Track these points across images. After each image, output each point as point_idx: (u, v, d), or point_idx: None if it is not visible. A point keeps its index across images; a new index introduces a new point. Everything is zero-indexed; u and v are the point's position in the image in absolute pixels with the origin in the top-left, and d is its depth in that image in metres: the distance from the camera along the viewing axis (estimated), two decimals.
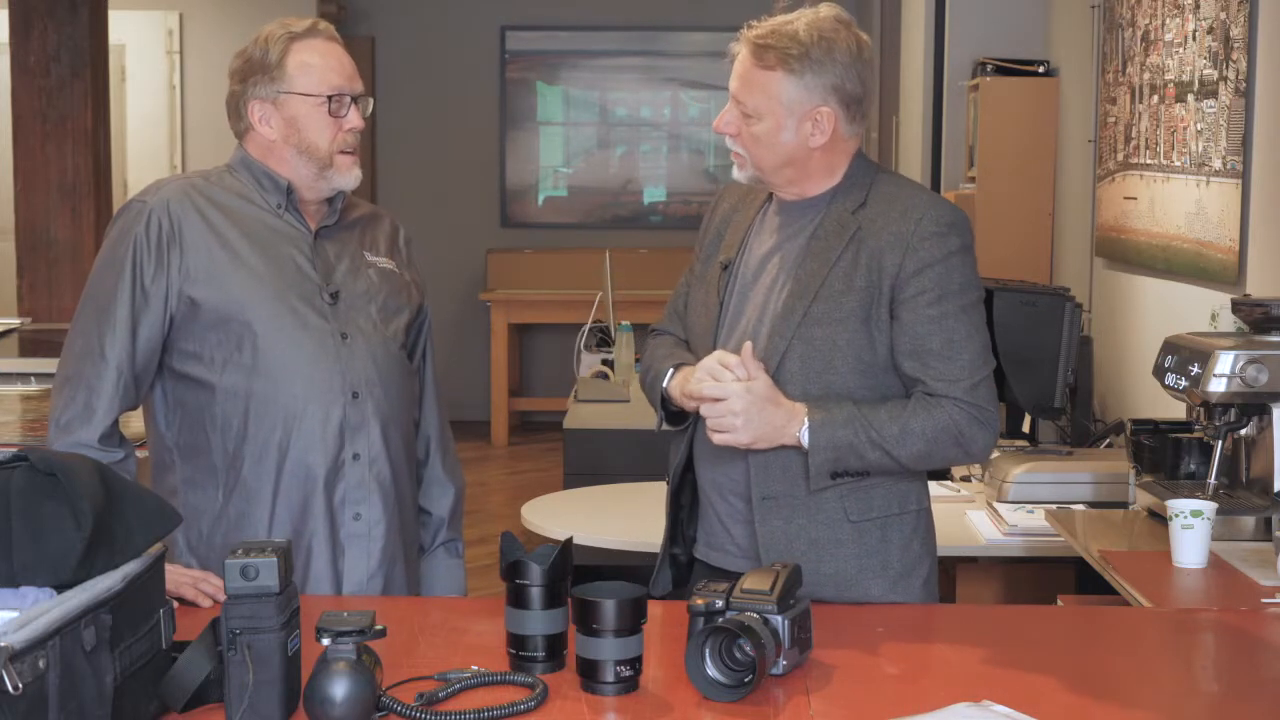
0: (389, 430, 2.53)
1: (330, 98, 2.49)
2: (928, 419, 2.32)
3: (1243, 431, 2.90)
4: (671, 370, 2.46)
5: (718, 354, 2.36)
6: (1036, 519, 3.40)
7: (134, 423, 2.66)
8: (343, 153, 2.51)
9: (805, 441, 2.32)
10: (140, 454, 2.54)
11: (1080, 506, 3.46)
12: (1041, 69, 5.48)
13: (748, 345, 2.34)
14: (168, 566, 2.29)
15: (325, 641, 1.76)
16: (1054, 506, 3.40)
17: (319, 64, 2.50)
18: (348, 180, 2.53)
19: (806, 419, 2.31)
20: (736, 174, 2.47)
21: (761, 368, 2.33)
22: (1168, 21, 4.10)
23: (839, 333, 2.35)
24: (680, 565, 2.56)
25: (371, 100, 2.59)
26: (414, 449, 2.65)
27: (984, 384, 2.36)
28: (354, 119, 2.52)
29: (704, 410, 2.34)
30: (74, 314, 2.51)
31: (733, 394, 2.30)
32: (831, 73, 2.35)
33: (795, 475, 2.37)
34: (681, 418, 2.49)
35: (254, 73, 2.50)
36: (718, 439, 2.34)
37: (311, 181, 2.52)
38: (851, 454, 2.32)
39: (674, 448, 2.54)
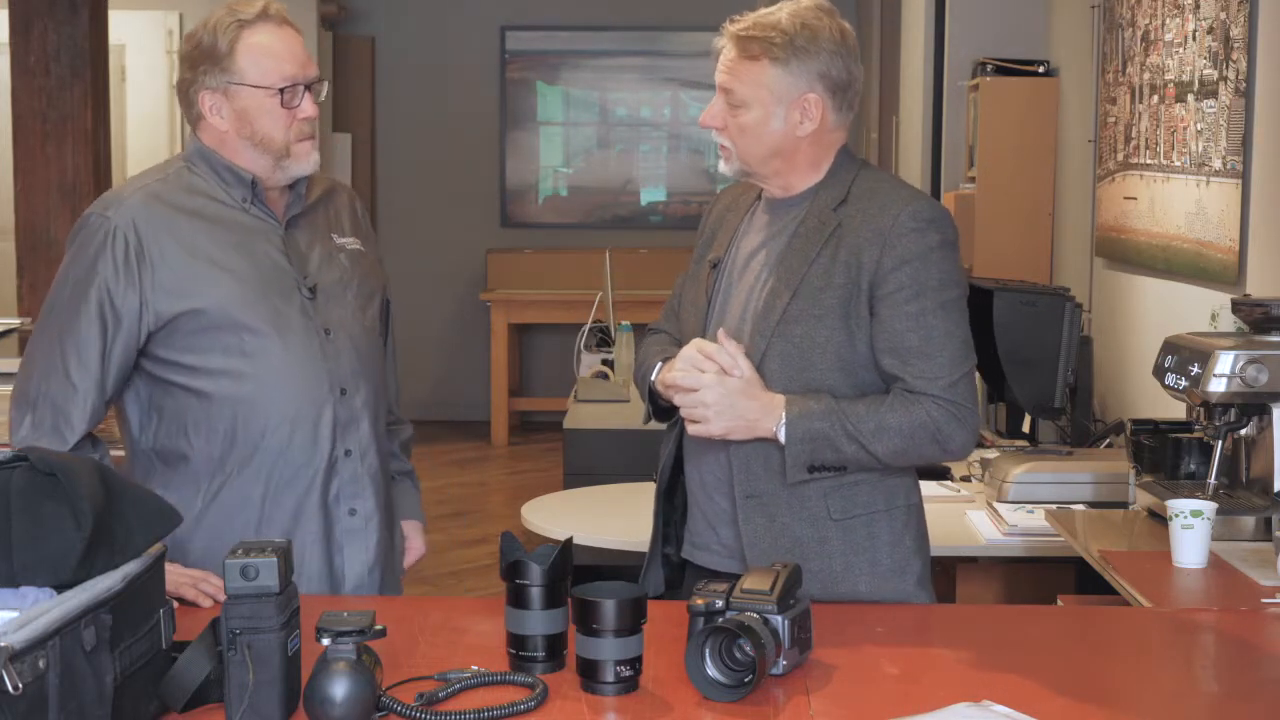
0: (377, 422, 2.53)
1: (282, 90, 2.42)
2: (905, 415, 2.31)
3: (1243, 431, 2.90)
4: (660, 364, 2.47)
5: (697, 342, 2.38)
6: (1036, 519, 3.40)
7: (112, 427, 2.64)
8: (299, 140, 2.45)
9: (782, 434, 2.32)
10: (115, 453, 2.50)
11: (1080, 506, 3.46)
12: (1041, 69, 5.48)
13: (721, 333, 2.35)
14: (167, 566, 2.30)
15: (325, 641, 1.76)
16: (1054, 506, 3.40)
17: (270, 53, 2.41)
18: (306, 167, 2.47)
19: (784, 411, 2.32)
20: (723, 167, 2.48)
21: (742, 355, 2.34)
22: (1168, 21, 4.10)
23: (818, 329, 2.35)
24: (673, 565, 2.56)
25: (326, 84, 2.51)
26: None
27: (963, 381, 2.35)
28: (308, 108, 2.45)
29: (677, 400, 2.36)
30: (34, 332, 2.44)
31: (705, 384, 2.32)
32: (817, 59, 2.37)
33: (778, 473, 2.37)
34: (670, 412, 2.50)
35: (203, 61, 2.42)
36: (691, 429, 2.36)
37: (269, 172, 2.46)
38: (828, 447, 2.31)
39: (663, 447, 2.55)
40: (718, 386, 2.31)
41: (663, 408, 2.50)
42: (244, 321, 2.39)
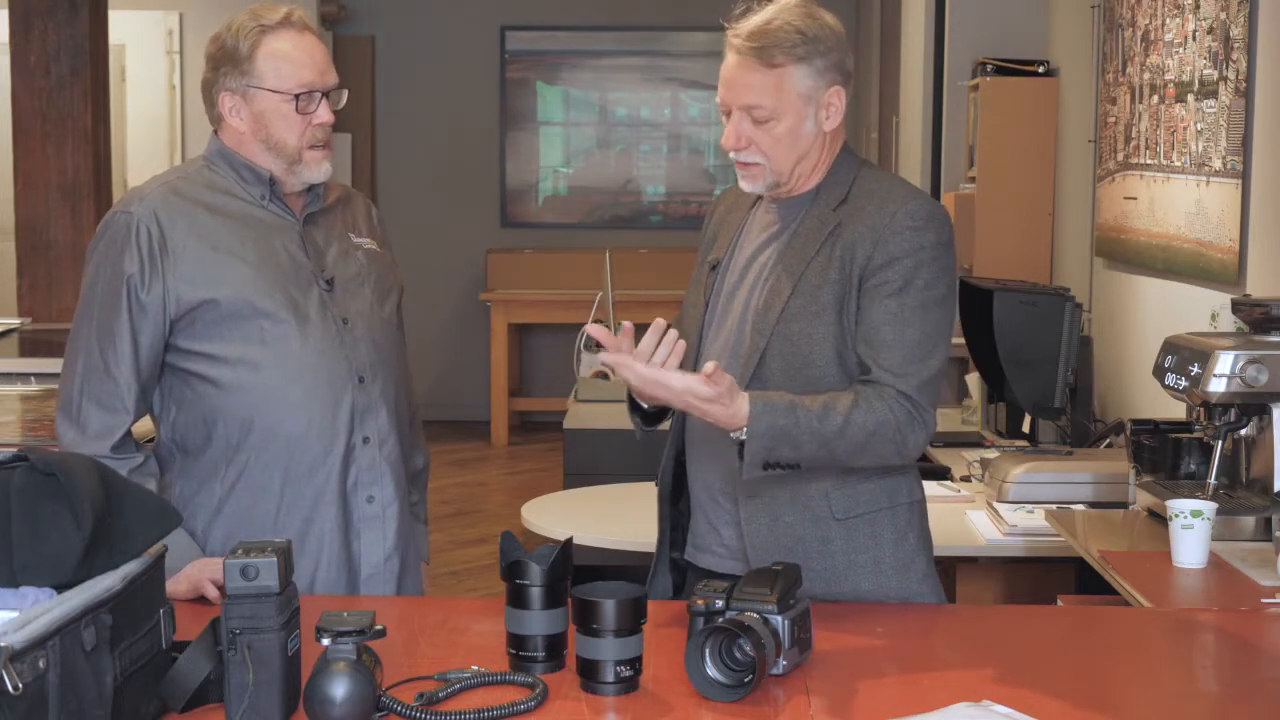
0: (396, 412, 2.55)
1: (298, 96, 2.46)
2: (869, 413, 2.27)
3: (1243, 431, 2.90)
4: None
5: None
6: (1036, 519, 3.40)
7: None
8: (311, 148, 2.49)
9: (743, 432, 2.23)
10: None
11: (1080, 506, 3.46)
12: (1041, 69, 5.48)
13: (710, 364, 2.23)
14: (202, 560, 2.33)
15: (325, 641, 1.76)
16: (1054, 506, 3.40)
17: (290, 59, 2.46)
18: (316, 175, 2.51)
19: (748, 408, 2.23)
20: (748, 186, 2.42)
21: (723, 375, 2.22)
22: (1168, 21, 4.10)
23: (815, 327, 2.34)
24: (680, 570, 2.55)
25: (345, 91, 2.55)
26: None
27: (930, 383, 2.32)
28: (323, 114, 2.49)
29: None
30: (72, 331, 2.48)
31: (673, 384, 2.20)
32: (833, 50, 2.38)
33: (778, 475, 2.35)
34: (655, 417, 2.47)
35: (224, 63, 2.47)
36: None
37: (282, 175, 2.50)
38: (787, 443, 2.24)
39: (666, 450, 2.53)
40: (684, 395, 2.20)
41: (649, 413, 2.47)
42: (263, 309, 2.43)
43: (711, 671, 1.89)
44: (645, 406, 2.45)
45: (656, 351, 2.23)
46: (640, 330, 2.26)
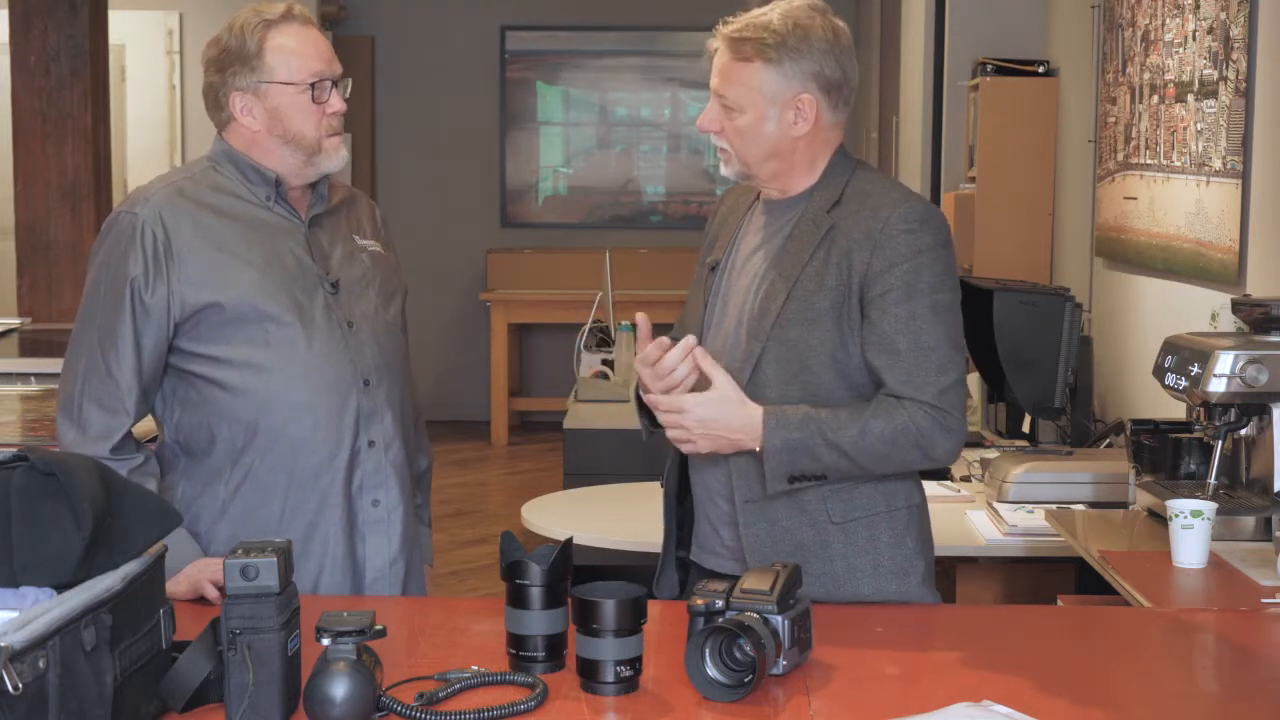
0: (401, 415, 2.54)
1: (313, 85, 2.46)
2: (888, 421, 2.28)
3: (1243, 431, 2.90)
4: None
5: (651, 350, 2.34)
6: (1036, 519, 3.40)
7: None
8: (329, 135, 2.48)
9: (762, 445, 2.30)
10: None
11: (1080, 506, 3.46)
12: (1041, 69, 5.48)
13: (699, 351, 2.31)
14: (202, 561, 2.33)
15: (325, 641, 1.77)
16: (1054, 506, 3.40)
17: (298, 51, 2.46)
18: (335, 163, 2.51)
19: (761, 423, 2.29)
20: (724, 170, 2.47)
21: (720, 370, 2.31)
22: (1168, 21, 4.10)
23: (812, 333, 2.34)
24: (687, 569, 2.55)
25: (350, 80, 2.55)
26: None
27: (953, 389, 2.31)
28: (336, 103, 2.49)
29: (661, 419, 2.35)
30: (74, 331, 2.47)
31: (685, 408, 2.30)
32: (809, 59, 2.36)
33: (807, 486, 2.35)
34: None
35: (232, 63, 2.45)
36: (681, 447, 2.36)
37: (299, 169, 2.49)
38: (806, 455, 2.28)
39: (670, 450, 2.54)
40: (696, 409, 2.30)
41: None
42: (268, 312, 2.42)
43: (711, 671, 1.89)
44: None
45: (678, 369, 2.31)
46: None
